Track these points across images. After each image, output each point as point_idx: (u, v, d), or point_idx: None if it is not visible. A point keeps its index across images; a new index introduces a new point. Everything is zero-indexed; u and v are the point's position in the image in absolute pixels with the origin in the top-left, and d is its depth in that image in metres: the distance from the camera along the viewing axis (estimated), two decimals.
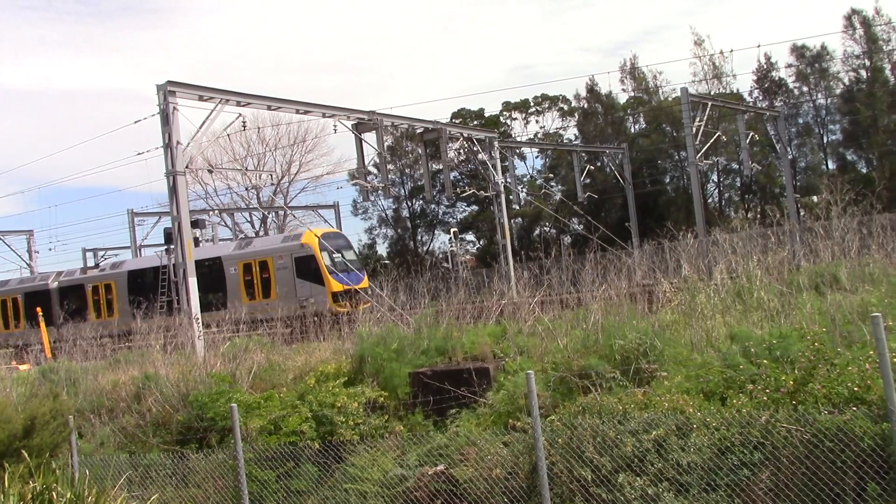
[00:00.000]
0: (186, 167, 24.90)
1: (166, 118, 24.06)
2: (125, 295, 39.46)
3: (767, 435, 8.64)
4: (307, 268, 33.80)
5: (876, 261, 14.13)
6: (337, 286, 32.83)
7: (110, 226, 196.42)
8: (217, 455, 12.51)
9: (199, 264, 34.96)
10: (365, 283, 34.05)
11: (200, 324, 22.49)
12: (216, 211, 58.17)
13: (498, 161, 38.96)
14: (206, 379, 15.17)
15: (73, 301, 42.00)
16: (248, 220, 64.42)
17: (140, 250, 51.33)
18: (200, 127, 25.37)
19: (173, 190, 24.13)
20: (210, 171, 53.55)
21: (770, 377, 9.61)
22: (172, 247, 26.42)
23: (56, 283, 43.71)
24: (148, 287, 37.31)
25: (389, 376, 14.18)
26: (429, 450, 11.46)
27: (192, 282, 23.74)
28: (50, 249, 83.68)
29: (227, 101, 26.07)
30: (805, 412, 8.60)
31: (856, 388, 8.79)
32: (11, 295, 45.19)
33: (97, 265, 47.24)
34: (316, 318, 22.06)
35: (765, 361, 10.02)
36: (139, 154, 31.07)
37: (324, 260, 33.42)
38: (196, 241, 41.70)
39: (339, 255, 34.57)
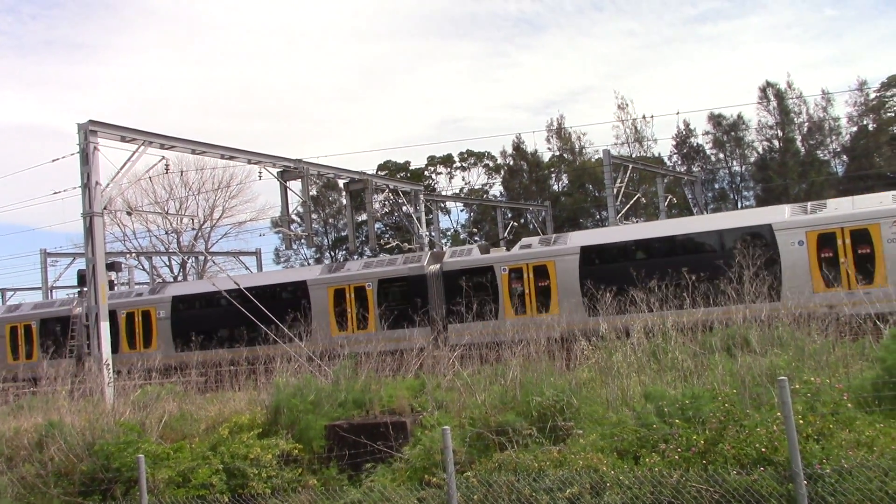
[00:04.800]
0: (105, 208, 24.34)
1: (86, 158, 23.54)
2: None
3: (678, 494, 8.77)
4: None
5: (784, 325, 14.57)
6: None
7: (22, 265, 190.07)
8: None
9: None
10: None
11: (111, 370, 21.81)
12: (134, 254, 56.93)
13: (423, 214, 39.14)
14: (115, 427, 14.67)
15: None
16: (167, 264, 63.25)
17: (51, 292, 49.77)
18: (121, 168, 24.90)
19: (90, 231, 23.54)
20: (129, 213, 52.66)
21: (682, 437, 9.78)
22: (86, 289, 25.67)
23: None
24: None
25: (305, 428, 13.93)
26: None
27: (105, 326, 23.06)
28: None
29: (151, 143, 25.67)
30: (715, 472, 8.77)
31: (763, 450, 9.01)
32: None
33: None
34: (232, 367, 21.66)
35: (677, 421, 10.18)
36: (56, 193, 30.32)
37: None
38: (111, 285, 40.67)
39: None
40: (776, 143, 56.67)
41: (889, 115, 59.59)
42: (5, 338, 39.70)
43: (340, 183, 40.08)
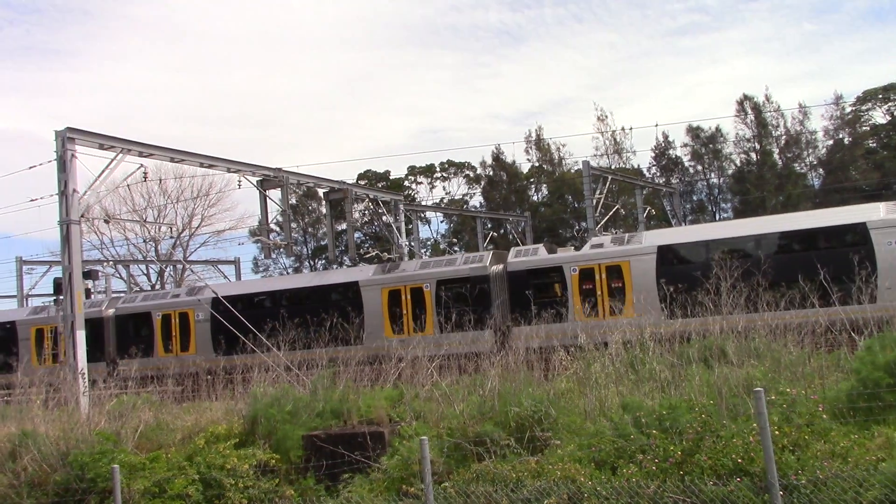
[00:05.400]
0: (82, 216, 24.15)
1: (63, 165, 23.37)
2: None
3: None
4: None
5: (761, 336, 14.67)
6: None
7: None
8: None
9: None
10: None
11: (86, 379, 21.60)
12: (111, 262, 56.53)
13: (402, 224, 39.13)
14: (90, 437, 14.53)
15: None
16: (145, 272, 62.83)
17: (27, 300, 49.28)
18: (99, 176, 24.72)
19: (66, 239, 23.35)
20: (107, 221, 52.31)
21: (659, 447, 9.82)
22: (62, 297, 25.43)
23: None
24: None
25: (282, 438, 13.86)
26: None
27: (81, 335, 22.85)
28: None
29: (129, 150, 25.52)
30: (692, 483, 8.80)
31: (740, 460, 9.06)
32: None
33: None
34: (209, 377, 21.41)
35: (654, 432, 10.23)
36: (33, 200, 30.09)
37: None
38: (87, 293, 40.16)
39: None
40: (753, 155, 57.17)
41: (864, 129, 60.29)
42: (31, 340, 38.00)
43: (320, 192, 39.96)
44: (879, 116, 61.72)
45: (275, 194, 31.96)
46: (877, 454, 9.16)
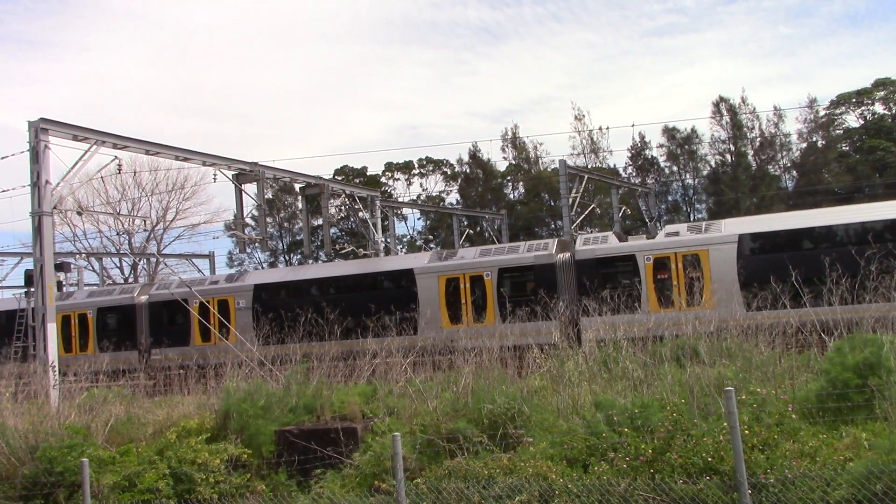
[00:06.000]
0: (55, 208, 23.92)
1: (36, 156, 23.12)
2: None
3: (625, 503, 8.84)
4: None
5: (733, 336, 14.80)
6: None
7: None
8: None
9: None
10: None
11: (56, 372, 21.40)
12: (83, 255, 55.91)
13: (379, 220, 39.07)
14: (59, 431, 14.39)
15: None
16: (118, 265, 62.27)
17: None
18: (73, 167, 24.48)
19: (38, 231, 23.09)
20: (80, 214, 51.77)
21: (631, 446, 9.88)
22: (33, 290, 25.15)
23: None
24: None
25: (255, 433, 13.80)
26: None
27: (52, 328, 22.62)
28: None
29: (103, 142, 25.29)
30: (662, 481, 8.87)
31: (710, 459, 9.14)
32: None
33: None
34: (181, 371, 21.21)
35: (626, 430, 10.29)
36: (4, 191, 29.77)
37: None
38: (59, 286, 39.64)
39: None
40: (728, 157, 57.61)
41: (838, 132, 60.96)
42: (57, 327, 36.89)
43: (297, 187, 39.83)
44: (853, 120, 62.52)
45: (251, 188, 31.83)
46: (844, 454, 9.28)
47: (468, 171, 66.03)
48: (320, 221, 50.00)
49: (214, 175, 30.96)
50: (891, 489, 8.10)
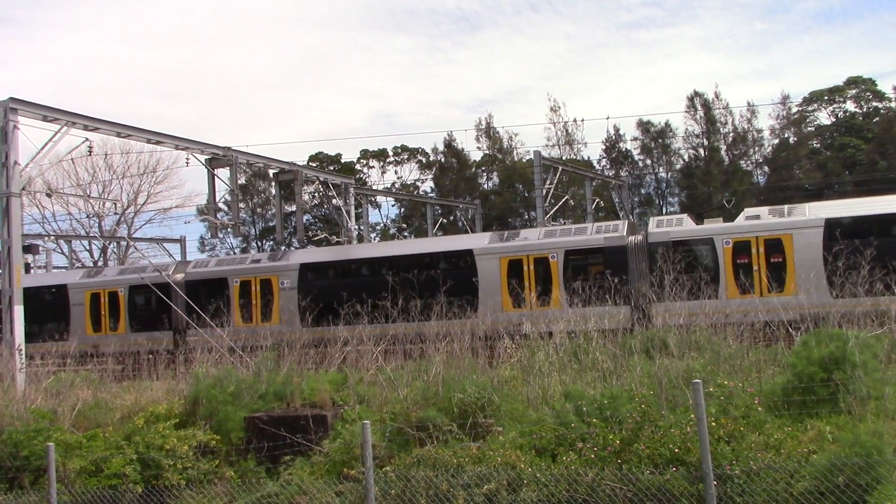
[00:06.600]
0: (23, 189, 23.61)
1: (5, 136, 22.80)
2: None
3: (593, 493, 8.92)
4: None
5: (702, 329, 14.93)
6: None
7: None
8: (28, 497, 11.75)
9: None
10: None
11: (23, 355, 21.17)
12: (52, 237, 55.31)
13: (352, 207, 38.95)
14: (25, 415, 14.26)
15: None
16: (87, 248, 61.70)
17: None
18: (42, 148, 24.18)
19: (6, 212, 22.77)
20: (49, 195, 51.13)
21: (599, 436, 9.96)
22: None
23: None
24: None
25: (224, 420, 13.75)
26: (259, 498, 11.18)
27: (18, 310, 22.35)
28: None
29: (74, 123, 24.97)
30: (629, 471, 8.94)
31: (677, 450, 9.23)
32: None
33: None
34: (150, 356, 21.00)
35: (595, 420, 10.37)
36: None
37: None
38: (27, 268, 39.15)
39: None
40: (702, 151, 58.08)
41: (809, 129, 61.62)
42: (85, 305, 34.73)
43: (270, 173, 39.58)
44: (824, 118, 63.28)
45: (223, 173, 31.56)
46: (808, 446, 9.42)
47: (443, 160, 66.03)
48: (294, 208, 49.74)
49: (187, 159, 30.67)
50: (852, 482, 8.23)
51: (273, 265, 31.81)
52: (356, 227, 40.18)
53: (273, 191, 45.39)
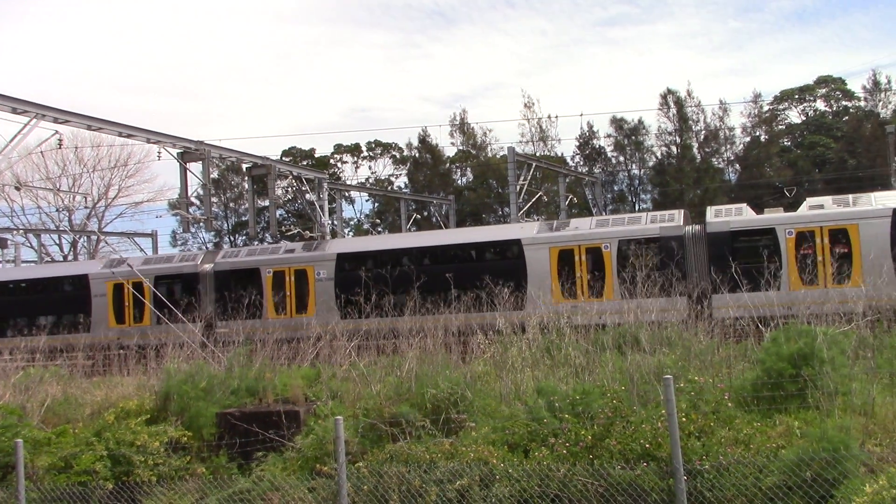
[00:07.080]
0: None
1: None
2: None
3: (565, 488, 8.97)
4: None
5: (673, 325, 15.04)
6: None
7: None
8: None
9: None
10: None
11: None
12: (21, 230, 54.64)
13: (326, 202, 38.78)
14: None
15: None
16: (57, 242, 61.00)
17: None
18: (11, 140, 23.93)
19: None
20: (18, 189, 50.63)
21: (571, 432, 10.02)
22: None
23: None
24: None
25: (195, 416, 13.67)
26: (230, 494, 11.12)
27: None
28: None
29: (44, 116, 24.72)
30: (601, 467, 9.01)
31: (647, 445, 9.31)
32: None
33: None
34: (121, 351, 20.80)
35: (567, 416, 10.42)
36: None
37: None
38: None
39: None
40: (674, 148, 58.46)
41: (780, 127, 62.21)
42: (108, 296, 33.39)
43: (243, 167, 39.37)
44: (795, 116, 63.96)
45: (196, 167, 31.36)
46: (777, 441, 9.53)
47: (417, 155, 65.93)
48: (267, 203, 49.49)
49: (159, 153, 30.49)
50: (820, 476, 8.34)
51: (308, 255, 30.83)
52: (330, 221, 40.03)
53: (246, 185, 45.12)
